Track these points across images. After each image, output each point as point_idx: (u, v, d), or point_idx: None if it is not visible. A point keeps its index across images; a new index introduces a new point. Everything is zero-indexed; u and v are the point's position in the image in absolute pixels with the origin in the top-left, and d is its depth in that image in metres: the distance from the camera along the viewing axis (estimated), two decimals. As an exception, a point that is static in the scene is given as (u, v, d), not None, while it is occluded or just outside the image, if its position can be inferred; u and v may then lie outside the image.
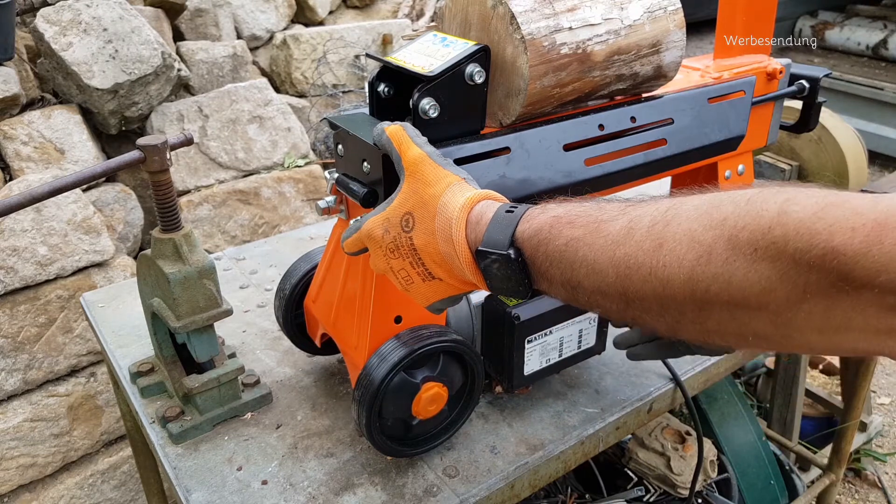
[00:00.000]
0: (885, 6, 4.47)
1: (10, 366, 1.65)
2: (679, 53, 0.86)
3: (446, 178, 0.63)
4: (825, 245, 0.37)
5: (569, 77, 0.78)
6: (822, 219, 0.38)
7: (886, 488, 2.07)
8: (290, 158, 2.33)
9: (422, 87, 0.71)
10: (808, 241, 0.38)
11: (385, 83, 0.78)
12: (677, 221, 0.46)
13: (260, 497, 0.79)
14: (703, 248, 0.44)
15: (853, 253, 0.36)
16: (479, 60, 0.72)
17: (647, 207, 0.50)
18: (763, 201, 0.42)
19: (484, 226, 0.59)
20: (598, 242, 0.51)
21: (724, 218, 0.43)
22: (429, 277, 0.65)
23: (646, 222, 0.48)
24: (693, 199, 0.47)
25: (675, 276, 0.46)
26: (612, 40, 0.79)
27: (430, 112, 0.72)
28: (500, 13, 0.74)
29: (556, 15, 0.75)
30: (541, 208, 0.58)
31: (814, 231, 0.38)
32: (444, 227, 0.61)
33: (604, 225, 0.51)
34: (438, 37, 0.78)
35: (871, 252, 0.36)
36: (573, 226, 0.53)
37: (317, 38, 2.78)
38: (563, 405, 0.93)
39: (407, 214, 0.64)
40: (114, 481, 1.79)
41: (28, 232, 1.67)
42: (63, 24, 1.93)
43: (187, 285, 0.82)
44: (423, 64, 0.73)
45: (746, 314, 0.44)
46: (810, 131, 1.12)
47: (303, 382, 0.98)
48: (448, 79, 0.71)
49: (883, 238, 0.36)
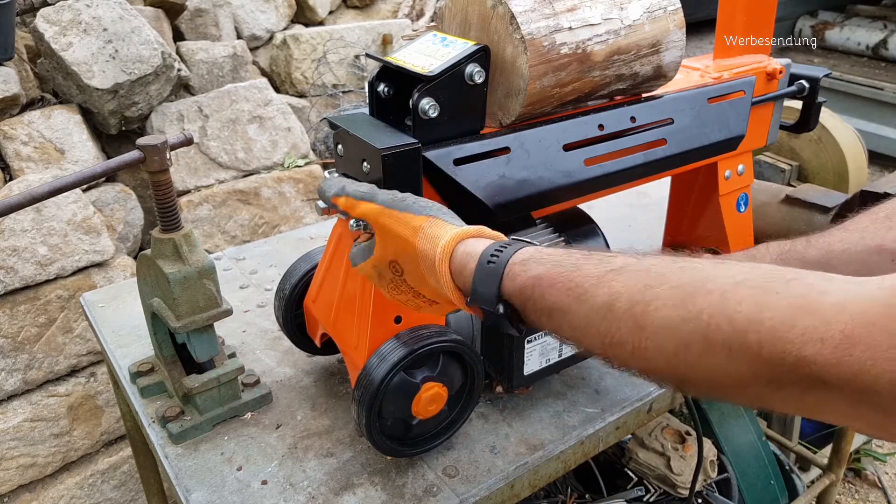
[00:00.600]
0: (885, 6, 4.47)
1: (10, 366, 1.65)
2: (679, 53, 0.86)
3: (411, 225, 0.64)
4: (797, 354, 0.39)
5: (568, 77, 0.78)
6: (793, 327, 0.40)
7: (886, 488, 2.07)
8: (290, 158, 2.33)
9: (421, 86, 0.71)
10: (780, 350, 0.40)
11: (385, 83, 0.78)
12: (655, 306, 0.48)
13: (260, 497, 0.79)
14: (680, 340, 0.46)
15: (824, 363, 0.38)
16: (478, 60, 0.72)
17: (627, 279, 0.51)
18: (738, 301, 0.43)
19: (469, 275, 0.60)
20: (581, 312, 0.53)
21: (700, 311, 0.45)
22: (434, 304, 0.68)
23: (625, 301, 0.50)
24: (671, 278, 0.49)
25: (656, 359, 0.48)
26: (612, 40, 0.79)
27: (430, 112, 0.72)
28: (500, 13, 0.74)
29: (556, 15, 0.75)
30: (521, 263, 0.58)
31: (786, 340, 0.40)
32: (430, 272, 0.62)
33: (585, 296, 0.52)
34: (438, 37, 0.78)
35: (841, 363, 0.38)
36: (555, 290, 0.55)
37: (317, 38, 2.78)
38: (563, 405, 0.93)
39: (392, 262, 0.66)
40: (114, 481, 1.79)
41: (28, 232, 1.67)
42: (63, 24, 1.93)
43: (187, 285, 0.82)
44: (422, 64, 0.73)
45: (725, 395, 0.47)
46: (810, 131, 1.12)
47: (303, 382, 0.98)
48: (448, 79, 0.71)
49: (852, 350, 0.37)
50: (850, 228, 0.73)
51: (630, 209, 1.48)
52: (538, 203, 0.82)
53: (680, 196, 1.15)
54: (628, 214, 1.46)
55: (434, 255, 0.61)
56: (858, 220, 0.73)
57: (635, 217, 1.45)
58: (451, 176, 0.75)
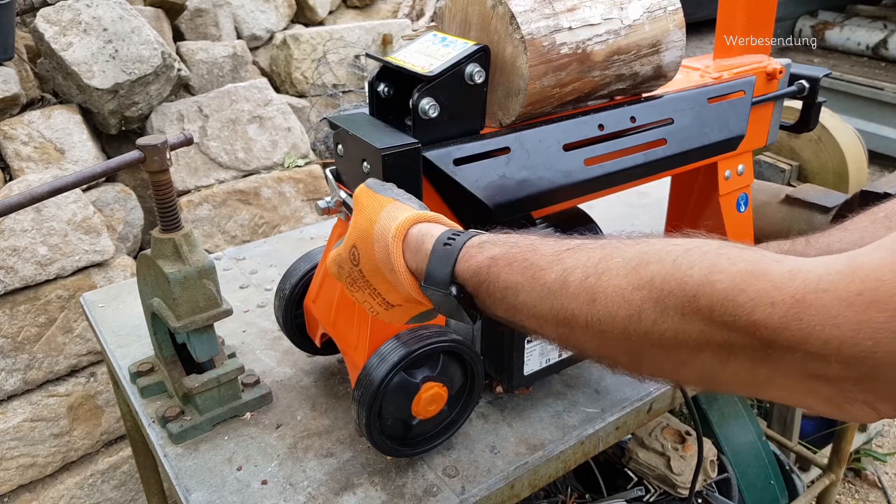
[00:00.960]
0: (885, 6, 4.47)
1: (10, 366, 1.65)
2: (679, 53, 0.86)
3: (379, 203, 0.64)
4: (748, 318, 0.39)
5: (569, 77, 0.78)
6: (743, 291, 0.40)
7: (886, 488, 2.07)
8: (290, 158, 2.33)
9: (421, 86, 0.71)
10: (731, 313, 0.40)
11: (385, 83, 0.78)
12: (607, 276, 0.48)
13: (260, 497, 0.79)
14: (632, 307, 0.45)
15: (774, 326, 0.38)
16: (478, 60, 0.72)
17: (580, 256, 0.51)
18: (689, 265, 0.43)
19: (424, 257, 0.59)
20: (536, 289, 0.52)
21: (651, 278, 0.45)
22: (389, 306, 0.66)
23: (578, 274, 0.49)
24: (624, 251, 0.49)
25: (610, 330, 0.47)
26: (612, 40, 0.79)
27: (430, 112, 0.72)
28: (500, 13, 0.74)
29: (556, 15, 0.75)
30: (477, 245, 0.58)
31: (737, 304, 0.40)
32: (383, 256, 0.61)
33: (540, 273, 0.52)
34: (438, 37, 0.78)
35: (790, 327, 0.37)
36: (511, 269, 0.54)
37: (317, 38, 2.78)
38: (563, 405, 0.93)
39: (353, 248, 0.65)
40: (114, 481, 1.79)
41: (28, 232, 1.67)
42: (63, 24, 1.93)
43: (187, 285, 0.82)
44: (422, 64, 0.73)
45: (678, 366, 0.46)
46: (810, 131, 1.12)
47: (303, 382, 0.98)
48: (448, 78, 0.71)
49: (801, 314, 0.37)
50: (850, 228, 0.73)
51: (630, 209, 1.48)
52: (538, 203, 0.82)
53: (680, 196, 1.15)
54: (628, 214, 1.46)
55: (389, 233, 0.60)
56: (858, 220, 0.73)
57: (635, 217, 1.45)
58: (451, 176, 0.75)
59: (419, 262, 0.59)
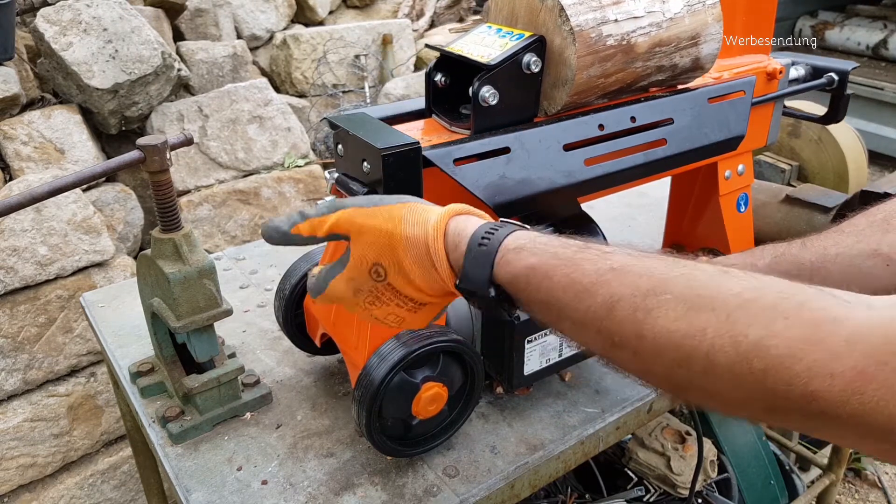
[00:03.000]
0: (885, 6, 4.47)
1: (10, 366, 1.65)
2: (716, 46, 0.89)
3: (389, 213, 0.62)
4: (804, 388, 0.38)
5: (613, 67, 0.81)
6: (800, 360, 0.38)
7: (886, 488, 2.07)
8: (290, 158, 2.33)
9: (482, 75, 0.73)
10: (786, 382, 0.39)
11: (442, 73, 0.81)
12: (656, 314, 0.46)
13: (260, 497, 0.79)
14: (681, 353, 0.44)
15: (833, 400, 0.37)
16: (535, 50, 0.75)
17: (626, 281, 0.49)
18: (745, 323, 0.41)
19: (460, 257, 0.58)
20: (580, 310, 0.51)
21: (704, 329, 0.43)
22: (419, 307, 0.65)
23: (625, 306, 0.48)
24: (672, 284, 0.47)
25: (655, 366, 0.47)
26: (655, 32, 0.82)
27: (490, 99, 0.74)
28: (549, 6, 0.77)
29: (603, 7, 0.78)
30: (514, 250, 0.56)
31: (793, 373, 0.38)
32: (420, 260, 0.60)
33: (584, 294, 0.51)
34: (493, 28, 0.81)
35: (851, 402, 0.36)
36: (551, 283, 0.53)
37: (317, 38, 2.78)
38: (563, 405, 0.93)
39: (374, 266, 0.63)
40: (114, 481, 1.79)
41: (28, 232, 1.67)
42: (63, 24, 1.93)
43: (187, 285, 0.82)
44: (482, 53, 0.75)
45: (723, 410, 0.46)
46: (838, 122, 1.13)
47: (303, 382, 0.98)
48: (507, 67, 0.74)
49: (864, 388, 0.36)
50: (846, 231, 0.72)
51: (630, 209, 1.48)
52: (538, 203, 0.82)
53: (680, 196, 1.15)
54: (628, 214, 1.46)
55: (426, 238, 0.59)
56: (855, 221, 0.73)
57: (635, 217, 1.45)
58: (451, 176, 0.75)
59: (456, 259, 0.59)
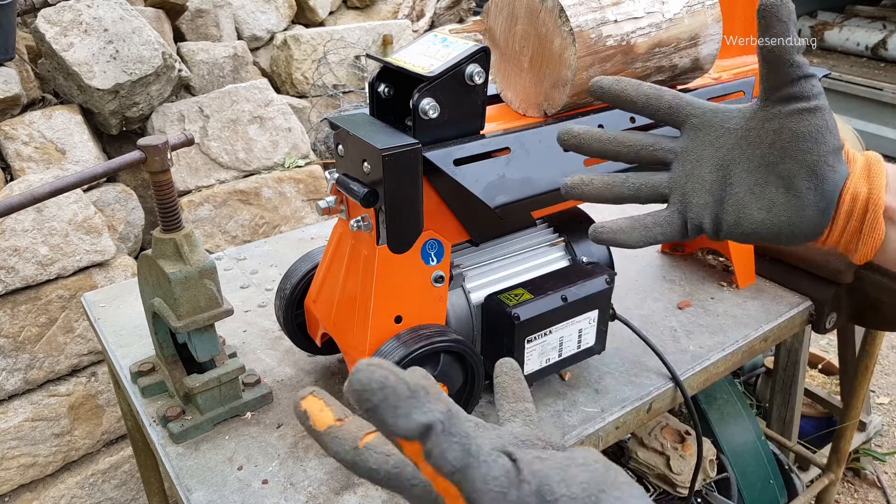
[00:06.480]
0: (885, 6, 4.47)
1: (11, 365, 1.65)
2: (715, 46, 0.89)
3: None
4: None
5: (613, 68, 0.81)
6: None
7: (886, 488, 2.07)
8: (291, 159, 2.33)
9: (422, 87, 0.71)
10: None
11: (385, 84, 0.79)
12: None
13: (260, 496, 0.79)
14: None
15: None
16: (478, 61, 0.73)
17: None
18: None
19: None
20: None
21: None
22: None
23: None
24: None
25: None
26: (654, 33, 0.82)
27: (430, 112, 0.72)
28: (549, 6, 0.77)
29: (603, 8, 0.78)
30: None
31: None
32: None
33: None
34: (438, 37, 0.78)
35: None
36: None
37: (317, 38, 2.78)
38: (562, 405, 0.93)
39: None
40: (115, 481, 1.79)
41: (29, 232, 1.67)
42: (64, 25, 1.94)
43: (188, 285, 0.82)
44: (423, 64, 0.73)
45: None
46: None
47: (303, 382, 0.98)
48: (448, 79, 0.72)
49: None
50: None
51: (630, 209, 1.48)
52: (538, 203, 0.83)
53: (679, 196, 1.15)
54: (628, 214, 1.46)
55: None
56: None
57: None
58: (451, 176, 0.75)
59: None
